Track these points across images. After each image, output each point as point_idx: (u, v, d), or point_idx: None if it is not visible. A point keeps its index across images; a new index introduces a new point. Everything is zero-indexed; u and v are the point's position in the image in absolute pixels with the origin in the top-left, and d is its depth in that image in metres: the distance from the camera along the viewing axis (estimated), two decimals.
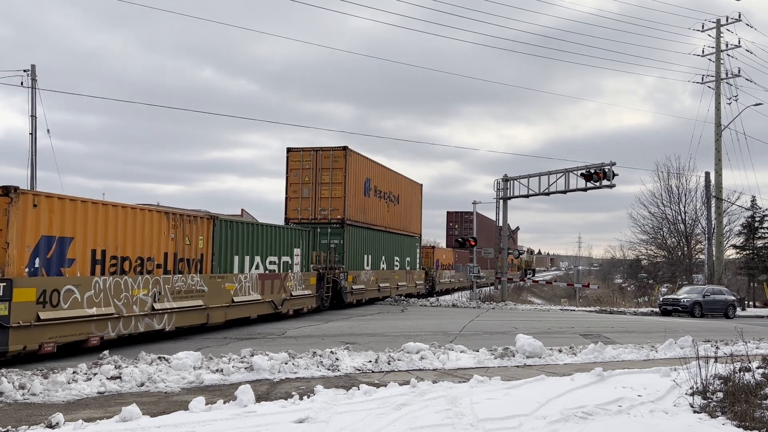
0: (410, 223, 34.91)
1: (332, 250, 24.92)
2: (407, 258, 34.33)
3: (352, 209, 26.15)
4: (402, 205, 33.35)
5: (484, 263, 49.86)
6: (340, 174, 25.69)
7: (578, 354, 13.09)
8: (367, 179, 27.99)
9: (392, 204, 31.66)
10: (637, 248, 56.03)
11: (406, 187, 34.49)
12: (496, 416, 7.01)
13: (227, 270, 17.07)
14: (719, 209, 38.43)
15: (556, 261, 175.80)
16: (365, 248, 27.92)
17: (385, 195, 30.59)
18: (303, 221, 25.68)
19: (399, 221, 32.77)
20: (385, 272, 30.43)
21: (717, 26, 38.43)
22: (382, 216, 30.16)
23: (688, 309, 29.71)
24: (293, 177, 26.23)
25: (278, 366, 10.31)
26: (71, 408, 7.80)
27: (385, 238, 30.64)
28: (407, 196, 34.47)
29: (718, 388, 8.10)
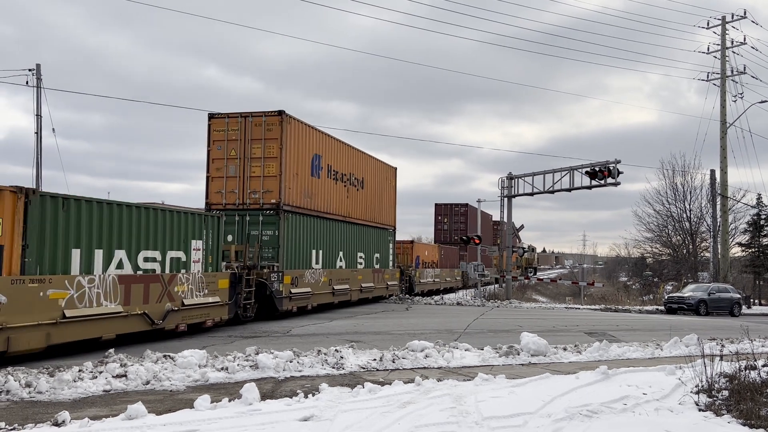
0: (380, 212, 29.43)
1: (257, 243, 19.66)
2: (376, 254, 28.82)
3: (292, 192, 20.74)
4: (369, 190, 27.75)
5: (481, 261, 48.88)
6: (275, 146, 20.16)
7: (583, 352, 13.07)
8: (317, 156, 22.56)
9: (354, 189, 26.04)
10: (642, 246, 55.99)
11: (375, 171, 28.87)
12: (500, 414, 7.02)
13: (56, 270, 11.66)
14: (724, 207, 38.32)
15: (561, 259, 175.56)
16: (313, 242, 22.33)
17: (345, 177, 25.12)
18: (229, 207, 20.34)
19: (364, 210, 27.21)
20: (344, 272, 24.84)
21: (722, 23, 38.30)
22: (340, 203, 24.68)
23: (693, 307, 29.65)
24: (216, 151, 20.70)
25: (283, 364, 10.33)
26: (77, 406, 7.83)
27: (344, 230, 25.15)
28: (376, 180, 28.90)
29: (724, 386, 8.09)
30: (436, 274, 40.56)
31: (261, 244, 19.88)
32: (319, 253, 22.88)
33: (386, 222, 30.50)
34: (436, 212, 54.07)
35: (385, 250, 30.22)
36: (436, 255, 42.09)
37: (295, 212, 20.97)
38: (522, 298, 40.15)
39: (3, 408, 7.69)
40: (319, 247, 22.84)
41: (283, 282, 19.58)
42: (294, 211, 20.89)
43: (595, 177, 31.91)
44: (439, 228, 53.13)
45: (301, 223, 21.53)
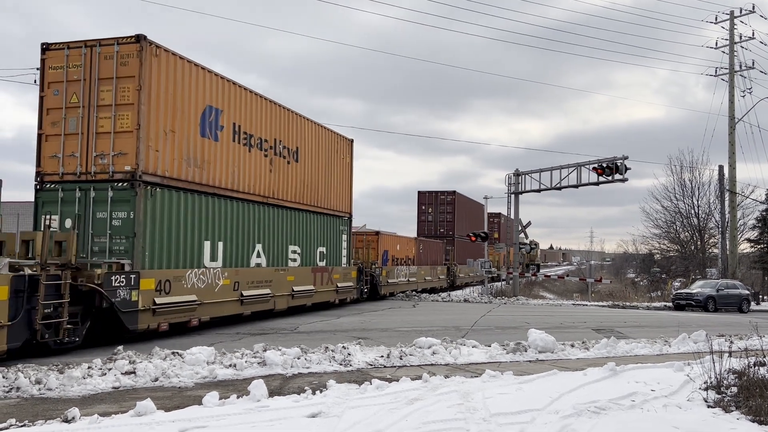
0: (326, 195, 23.03)
1: (73, 229, 12.55)
2: (320, 248, 22.46)
3: (163, 156, 14.32)
4: (308, 165, 21.58)
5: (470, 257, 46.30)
6: (131, 88, 13.69)
7: (591, 349, 13.05)
8: (212, 109, 16.12)
9: (283, 162, 19.81)
10: (649, 242, 55.78)
11: (319, 141, 22.60)
12: (508, 411, 7.02)
13: None
14: (733, 203, 38.11)
15: (568, 256, 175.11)
16: (207, 230, 15.93)
17: (266, 145, 18.84)
18: (68, 177, 14.01)
19: (300, 190, 20.98)
20: (262, 271, 18.35)
21: (730, 18, 38.06)
22: (257, 178, 18.31)
23: (701, 303, 29.52)
24: (53, 98, 14.26)
25: (291, 361, 10.36)
26: (87, 403, 7.88)
27: (266, 216, 18.81)
28: (321, 154, 22.69)
29: (733, 382, 8.06)
30: (411, 273, 34.16)
31: (93, 229, 13.70)
32: (218, 246, 16.35)
33: (337, 208, 23.96)
34: (419, 201, 46.24)
35: (334, 244, 23.86)
36: (413, 250, 35.31)
37: (168, 186, 14.54)
38: (529, 294, 40.08)
39: (13, 404, 7.75)
40: (217, 237, 16.31)
41: (138, 288, 13.10)
42: (166, 184, 14.48)
43: (603, 173, 31.79)
44: (422, 219, 45.71)
45: (182, 203, 15.04)
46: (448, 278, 41.71)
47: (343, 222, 24.87)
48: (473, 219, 50.02)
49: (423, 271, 36.31)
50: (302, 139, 21.33)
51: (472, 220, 49.67)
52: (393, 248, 32.09)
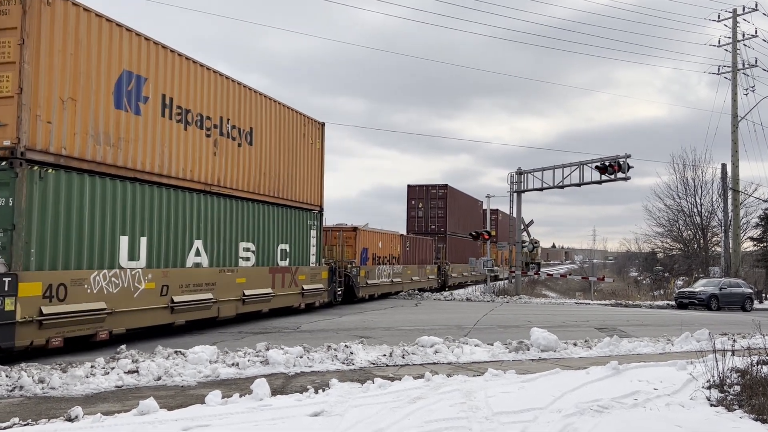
0: (290, 184, 20.00)
1: None
2: (281, 246, 19.41)
3: (59, 129, 11.69)
4: (266, 150, 18.50)
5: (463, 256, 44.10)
6: (11, 42, 11.07)
7: (593, 347, 13.04)
8: (131, 75, 13.41)
9: (233, 144, 16.84)
10: (652, 241, 55.66)
11: (280, 122, 19.49)
12: (511, 409, 7.01)
13: None
14: (736, 201, 38.05)
15: (571, 254, 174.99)
16: (124, 222, 13.15)
17: (210, 123, 15.81)
18: None
19: (256, 178, 18.03)
20: (203, 273, 15.38)
21: (733, 16, 37.98)
22: (198, 161, 15.39)
23: (704, 302, 29.48)
24: None
25: (293, 360, 10.37)
26: (90, 402, 7.90)
27: (210, 207, 15.81)
28: (283, 137, 19.59)
29: (736, 381, 8.05)
30: (395, 273, 31.07)
31: None
32: (140, 243, 13.50)
33: (304, 200, 20.97)
34: (409, 196, 42.35)
35: (301, 241, 20.71)
36: (398, 247, 32.09)
37: (67, 167, 11.83)
38: (532, 293, 40.06)
39: (17, 403, 7.77)
40: (139, 231, 13.52)
41: (14, 294, 10.40)
42: (64, 164, 11.77)
43: (605, 172, 31.76)
44: (412, 215, 41.95)
45: (87, 189, 12.25)
46: (439, 278, 38.94)
47: (312, 216, 21.65)
48: (468, 215, 46.96)
49: (409, 271, 33.21)
50: (258, 118, 18.18)
51: (467, 217, 46.55)
52: (374, 246, 28.81)
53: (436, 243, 39.94)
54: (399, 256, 32.31)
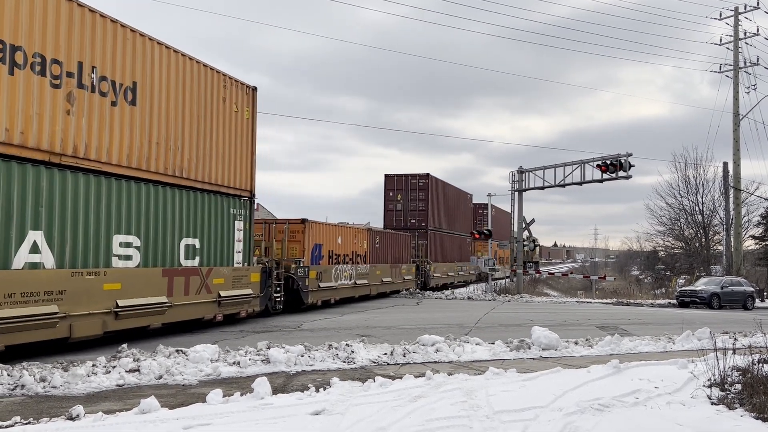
0: (201, 161, 15.39)
1: None
2: (186, 241, 14.77)
3: None
4: (157, 113, 14.02)
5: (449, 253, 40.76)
6: None
7: (594, 346, 13.04)
8: None
9: (102, 101, 12.65)
10: (654, 239, 55.59)
11: (184, 79, 14.89)
12: (511, 408, 7.02)
13: None
14: (737, 200, 38.01)
15: (572, 253, 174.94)
16: None
17: (55, 68, 11.65)
18: None
19: (146, 150, 13.67)
20: (51, 277, 11.17)
21: (735, 14, 37.93)
22: (42, 120, 11.37)
23: (705, 300, 29.47)
24: None
25: (294, 359, 10.38)
26: (91, 400, 7.91)
27: (57, 185, 11.62)
28: (189, 99, 15.06)
29: (737, 380, 8.04)
30: (360, 273, 26.39)
31: None
32: None
33: (224, 182, 16.28)
34: (386, 187, 37.30)
35: (219, 234, 16.08)
36: (364, 243, 27.53)
37: None
38: (533, 292, 40.04)
39: (18, 402, 7.79)
40: None
41: None
42: None
43: (607, 170, 31.75)
44: (389, 208, 37.12)
45: None
46: (418, 278, 34.74)
47: (237, 204, 16.91)
48: (455, 209, 42.21)
49: (378, 271, 28.54)
50: (147, 72, 13.65)
51: (454, 211, 41.90)
52: (330, 242, 24.09)
53: (417, 239, 35.73)
54: (366, 253, 27.61)
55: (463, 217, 44.62)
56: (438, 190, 38.38)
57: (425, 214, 36.51)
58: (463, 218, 44.71)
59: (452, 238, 41.52)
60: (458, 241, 42.98)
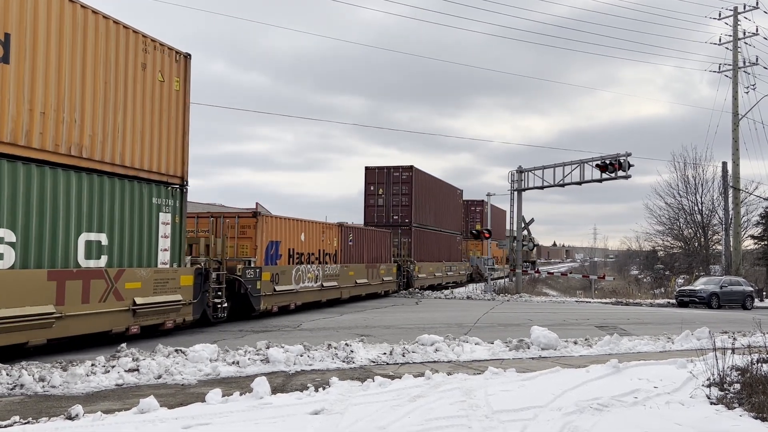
0: (112, 139, 12.64)
1: None
2: (89, 236, 12.11)
3: None
4: (46, 74, 11.18)
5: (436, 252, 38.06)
6: None
7: (594, 346, 13.04)
8: None
9: None
10: (653, 239, 55.65)
11: (87, 38, 12.02)
12: (510, 408, 7.02)
13: None
14: (737, 199, 38.03)
15: (572, 253, 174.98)
16: None
17: None
18: None
19: (25, 119, 10.75)
20: None
21: (734, 14, 37.94)
22: None
23: (705, 300, 29.48)
24: None
25: (294, 358, 10.38)
26: (90, 400, 7.91)
27: None
28: (91, 62, 12.18)
29: (736, 379, 8.05)
30: (328, 275, 23.24)
31: None
32: None
33: (143, 165, 13.53)
34: (367, 180, 34.45)
35: (137, 229, 13.34)
36: (333, 241, 24.31)
37: None
38: (532, 291, 40.04)
39: (17, 402, 7.78)
40: None
41: None
42: None
43: (606, 170, 31.75)
44: (370, 203, 34.22)
45: None
46: (400, 279, 31.98)
47: (163, 192, 14.14)
48: (442, 205, 39.42)
49: (351, 272, 25.26)
50: (25, 22, 10.86)
51: (441, 207, 39.20)
52: (291, 239, 20.76)
53: (399, 237, 32.93)
54: (336, 252, 24.27)
55: (452, 213, 41.78)
56: (423, 184, 35.67)
57: (408, 209, 33.69)
58: (453, 215, 42.01)
59: (440, 235, 38.84)
60: (447, 239, 40.37)
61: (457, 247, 42.77)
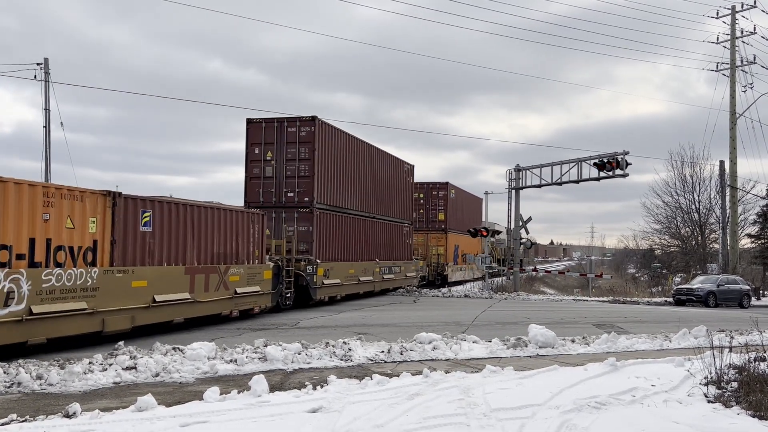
0: None
1: None
2: None
3: None
4: None
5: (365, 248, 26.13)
6: None
7: (591, 344, 13.06)
8: None
9: None
10: (650, 238, 55.67)
11: None
12: (508, 406, 7.02)
13: None
14: (734, 198, 38.08)
15: (569, 251, 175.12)
16: None
17: None
18: None
19: None
20: None
21: (732, 12, 37.95)
22: None
23: (702, 299, 29.52)
24: None
25: (291, 356, 10.37)
26: (87, 398, 7.90)
27: None
28: None
29: (733, 377, 8.06)
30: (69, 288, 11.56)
31: None
32: None
33: None
34: (249, 139, 23.01)
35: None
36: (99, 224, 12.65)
37: None
38: (530, 290, 40.05)
39: (14, 400, 7.77)
40: None
41: None
42: None
43: (603, 168, 31.77)
44: (254, 173, 23.50)
45: None
46: (281, 289, 19.62)
47: None
48: (378, 181, 27.73)
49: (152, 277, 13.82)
50: None
51: (376, 183, 27.47)
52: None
53: (282, 222, 22.02)
54: (100, 247, 12.70)
55: (395, 195, 29.94)
56: (335, 145, 23.56)
57: (310, 182, 22.01)
58: (397, 197, 30.13)
59: (372, 224, 27.11)
60: (385, 230, 28.74)
61: (404, 241, 31.05)
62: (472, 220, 43.79)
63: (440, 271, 37.79)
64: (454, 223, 39.25)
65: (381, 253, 28.24)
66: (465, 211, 42.24)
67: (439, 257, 37.88)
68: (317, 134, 22.23)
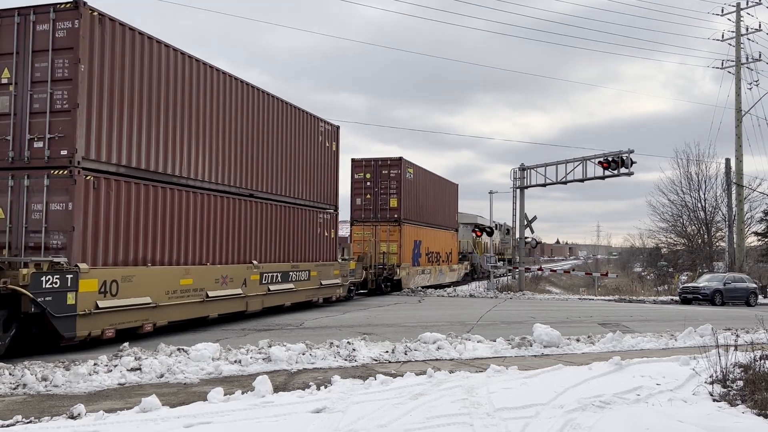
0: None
1: None
2: None
3: None
4: None
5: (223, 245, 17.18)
6: None
7: (596, 343, 13.03)
8: None
9: None
10: (656, 236, 55.58)
11: None
12: (512, 405, 7.01)
13: None
14: (740, 196, 37.94)
15: (575, 250, 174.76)
16: None
17: None
18: None
19: None
20: None
21: (737, 10, 37.81)
22: None
23: (708, 297, 29.42)
24: None
25: (295, 357, 10.38)
26: (92, 399, 7.92)
27: None
28: None
29: (738, 376, 8.03)
30: None
31: None
32: None
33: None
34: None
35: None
36: None
37: None
38: (535, 289, 39.96)
39: (20, 401, 7.80)
40: None
41: None
42: None
43: (608, 167, 31.70)
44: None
45: None
46: None
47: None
48: (270, 140, 18.51)
49: None
50: None
51: (265, 144, 18.22)
52: None
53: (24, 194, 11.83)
54: None
55: (304, 167, 20.75)
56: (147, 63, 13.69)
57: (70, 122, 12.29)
58: (307, 171, 20.96)
59: (249, 206, 17.51)
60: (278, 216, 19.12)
61: (320, 234, 21.86)
62: (446, 209, 36.13)
63: (389, 275, 29.27)
64: (413, 212, 30.64)
65: (271, 252, 18.77)
66: (431, 198, 33.55)
67: (387, 256, 29.14)
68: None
